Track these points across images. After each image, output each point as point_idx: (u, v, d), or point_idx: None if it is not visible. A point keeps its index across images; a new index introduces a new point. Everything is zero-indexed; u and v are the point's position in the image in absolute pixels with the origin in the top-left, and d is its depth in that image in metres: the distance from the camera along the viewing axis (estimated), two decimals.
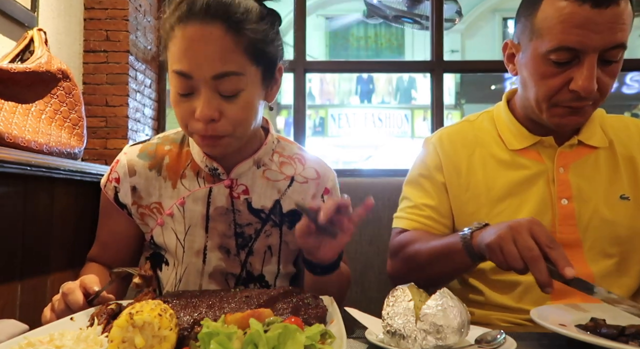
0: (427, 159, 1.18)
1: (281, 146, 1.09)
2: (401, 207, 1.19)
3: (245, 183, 1.02)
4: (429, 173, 1.15)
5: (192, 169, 1.02)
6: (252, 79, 0.89)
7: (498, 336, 0.69)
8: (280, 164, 1.06)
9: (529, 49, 1.00)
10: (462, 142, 1.15)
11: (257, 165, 1.03)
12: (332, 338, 0.60)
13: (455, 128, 1.21)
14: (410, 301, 0.68)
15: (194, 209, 1.00)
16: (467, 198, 1.11)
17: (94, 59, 2.31)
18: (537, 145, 1.09)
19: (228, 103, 0.88)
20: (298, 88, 2.61)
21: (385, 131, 10.04)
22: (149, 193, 1.02)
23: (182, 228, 1.01)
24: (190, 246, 1.01)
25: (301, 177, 1.06)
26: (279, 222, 1.03)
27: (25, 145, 1.31)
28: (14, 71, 1.33)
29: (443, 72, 2.68)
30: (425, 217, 1.13)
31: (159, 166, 1.03)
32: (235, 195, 1.01)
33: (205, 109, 0.86)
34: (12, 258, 1.18)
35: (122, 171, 1.03)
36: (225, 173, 1.01)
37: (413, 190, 1.17)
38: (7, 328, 0.78)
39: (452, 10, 4.63)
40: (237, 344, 0.55)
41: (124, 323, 0.57)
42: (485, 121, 1.18)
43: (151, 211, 1.02)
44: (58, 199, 1.36)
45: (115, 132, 2.33)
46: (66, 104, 1.53)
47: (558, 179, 1.06)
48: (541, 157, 1.08)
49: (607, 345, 0.65)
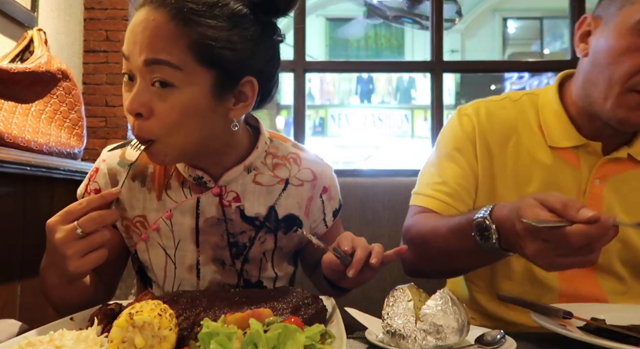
0: (460, 130, 1.04)
1: (275, 146, 1.00)
2: (425, 181, 1.06)
3: (235, 190, 0.93)
4: (462, 145, 1.03)
5: (176, 178, 0.93)
6: (194, 80, 0.79)
7: (498, 336, 0.69)
8: (274, 167, 0.97)
9: (615, 19, 0.88)
10: (500, 122, 1.02)
11: (247, 170, 0.94)
12: (332, 338, 0.60)
13: (495, 103, 1.05)
14: (410, 301, 0.68)
15: (182, 222, 0.92)
16: (488, 188, 1.01)
17: (93, 59, 2.31)
18: (580, 148, 0.96)
19: (159, 99, 0.78)
20: (298, 88, 2.61)
21: (385, 131, 10.04)
22: (132, 206, 0.93)
23: (172, 243, 0.93)
24: (182, 261, 0.93)
25: (296, 179, 0.98)
26: (274, 228, 0.96)
27: (25, 145, 1.31)
28: (14, 71, 1.33)
29: (443, 72, 2.68)
30: (449, 196, 1.01)
31: (142, 175, 0.94)
32: (225, 203, 0.92)
33: (133, 100, 0.78)
34: (12, 258, 1.18)
35: (102, 181, 0.94)
36: (212, 181, 0.91)
37: (443, 160, 1.04)
38: (7, 328, 0.78)
39: (452, 10, 4.64)
40: (237, 344, 0.55)
41: (124, 323, 0.57)
42: (528, 104, 1.03)
43: (134, 226, 0.94)
44: (58, 199, 1.36)
45: (115, 132, 2.33)
46: (66, 104, 1.53)
47: (590, 192, 0.95)
48: (579, 164, 0.96)
49: (607, 345, 0.65)
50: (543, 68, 3.40)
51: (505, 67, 5.78)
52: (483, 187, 1.01)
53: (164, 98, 0.78)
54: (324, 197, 1.02)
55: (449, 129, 1.07)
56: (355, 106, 10.35)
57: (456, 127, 1.05)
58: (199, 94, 0.80)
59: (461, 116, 1.06)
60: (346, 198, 1.62)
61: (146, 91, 0.78)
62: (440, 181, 1.02)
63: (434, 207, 1.01)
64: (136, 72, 0.79)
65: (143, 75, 0.78)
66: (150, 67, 0.77)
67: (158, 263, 0.95)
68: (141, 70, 0.78)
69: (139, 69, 0.78)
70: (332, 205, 1.03)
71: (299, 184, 0.98)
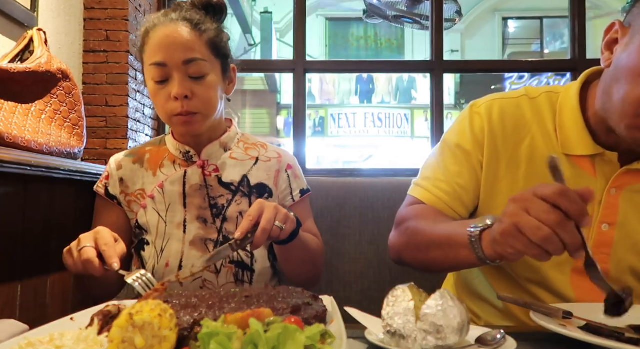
0: (468, 130, 1.02)
1: (245, 137, 1.31)
2: (427, 174, 1.06)
3: (215, 163, 1.21)
4: (468, 147, 1.01)
5: (169, 159, 1.23)
6: (214, 67, 1.14)
7: (498, 336, 0.69)
8: (245, 149, 1.27)
9: None
10: (514, 123, 0.98)
11: (224, 149, 1.23)
12: (332, 338, 0.60)
13: (510, 102, 1.01)
14: (411, 301, 0.68)
15: (172, 189, 1.18)
16: (497, 193, 0.98)
17: (94, 59, 2.31)
18: (596, 157, 0.93)
19: (197, 84, 1.10)
20: (298, 88, 2.61)
21: (385, 131, 10.04)
22: (133, 182, 1.22)
23: (164, 207, 1.18)
24: (171, 220, 1.17)
25: (265, 157, 1.27)
26: (247, 193, 1.20)
27: (25, 145, 1.31)
28: (14, 71, 1.32)
29: (443, 72, 2.68)
30: (448, 195, 1.01)
31: (141, 160, 1.24)
32: (207, 173, 1.20)
33: (180, 88, 1.08)
34: (12, 258, 1.18)
35: (111, 167, 1.25)
36: (197, 155, 1.21)
37: (448, 157, 1.03)
38: (7, 328, 0.78)
39: (452, 10, 4.63)
40: (237, 344, 0.55)
41: (124, 323, 0.57)
42: (546, 103, 0.99)
43: (136, 198, 1.21)
44: (58, 199, 1.36)
45: (115, 132, 2.33)
46: (66, 104, 1.53)
47: (606, 201, 0.93)
48: (595, 172, 0.93)
49: (607, 345, 0.65)
50: (543, 68, 3.38)
51: (505, 67, 5.77)
52: (486, 189, 1.00)
53: (199, 83, 1.11)
54: (289, 172, 1.27)
55: (459, 126, 1.04)
56: (355, 106, 10.36)
57: (466, 126, 1.03)
58: (218, 78, 1.16)
59: (472, 114, 1.03)
60: (346, 198, 1.62)
61: (185, 80, 1.10)
62: (442, 178, 1.02)
63: (431, 203, 1.02)
64: (174, 72, 1.09)
65: (181, 71, 1.09)
66: (188, 65, 1.09)
67: (153, 223, 1.18)
68: (180, 68, 1.09)
69: (177, 68, 1.09)
70: (298, 184, 1.28)
71: (267, 160, 1.26)
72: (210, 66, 1.12)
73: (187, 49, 1.09)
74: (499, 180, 0.99)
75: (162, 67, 1.09)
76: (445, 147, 1.06)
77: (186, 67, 1.09)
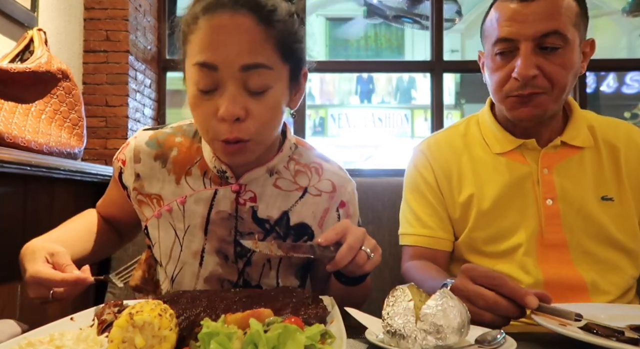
0: (419, 166, 1.20)
1: (299, 152, 1.01)
2: (404, 220, 1.21)
3: (254, 190, 0.94)
4: (424, 182, 1.18)
5: (199, 167, 0.95)
6: (281, 77, 0.83)
7: (498, 336, 0.69)
8: (295, 173, 0.98)
9: (485, 50, 1.12)
10: (450, 149, 1.19)
11: (269, 173, 0.96)
12: (332, 338, 0.60)
13: (442, 135, 1.24)
14: (410, 301, 0.68)
15: (195, 210, 0.94)
16: (459, 203, 1.14)
17: (94, 59, 2.31)
18: (521, 147, 1.12)
19: (255, 101, 0.80)
20: None
21: (385, 131, 10.04)
22: (150, 183, 0.97)
23: (182, 226, 0.95)
24: (188, 245, 0.95)
25: (315, 189, 0.98)
26: (283, 234, 0.96)
27: (25, 145, 1.31)
28: (14, 71, 1.33)
29: (443, 72, 2.68)
30: (430, 229, 1.15)
31: (164, 157, 0.96)
32: (241, 201, 0.94)
33: (231, 105, 0.78)
34: (12, 258, 1.18)
35: (128, 155, 0.98)
36: (234, 177, 0.93)
37: (414, 199, 1.19)
38: (7, 328, 0.78)
39: (452, 10, 4.64)
40: (237, 344, 0.55)
41: (124, 323, 0.57)
42: (472, 125, 1.22)
43: (150, 201, 0.97)
44: (58, 199, 1.36)
45: (115, 132, 2.33)
46: (66, 104, 1.53)
47: (542, 180, 1.09)
48: (525, 159, 1.11)
49: (607, 345, 0.65)
50: None
51: None
52: (451, 206, 1.15)
53: (258, 100, 0.81)
54: (340, 211, 1.00)
55: (409, 169, 1.23)
56: (355, 106, 10.35)
57: (412, 167, 1.22)
58: (283, 90, 0.85)
59: (417, 154, 1.23)
60: None
61: (240, 94, 0.79)
62: (415, 218, 1.18)
63: (421, 244, 1.16)
64: (227, 80, 0.79)
65: (237, 81, 0.79)
66: (247, 72, 0.79)
67: (166, 242, 0.97)
68: (235, 77, 0.79)
69: (231, 75, 0.79)
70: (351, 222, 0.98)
71: (316, 193, 0.98)
72: (276, 75, 0.82)
73: (248, 51, 0.78)
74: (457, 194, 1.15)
75: (211, 70, 0.79)
76: (406, 191, 1.23)
77: (244, 76, 0.79)
